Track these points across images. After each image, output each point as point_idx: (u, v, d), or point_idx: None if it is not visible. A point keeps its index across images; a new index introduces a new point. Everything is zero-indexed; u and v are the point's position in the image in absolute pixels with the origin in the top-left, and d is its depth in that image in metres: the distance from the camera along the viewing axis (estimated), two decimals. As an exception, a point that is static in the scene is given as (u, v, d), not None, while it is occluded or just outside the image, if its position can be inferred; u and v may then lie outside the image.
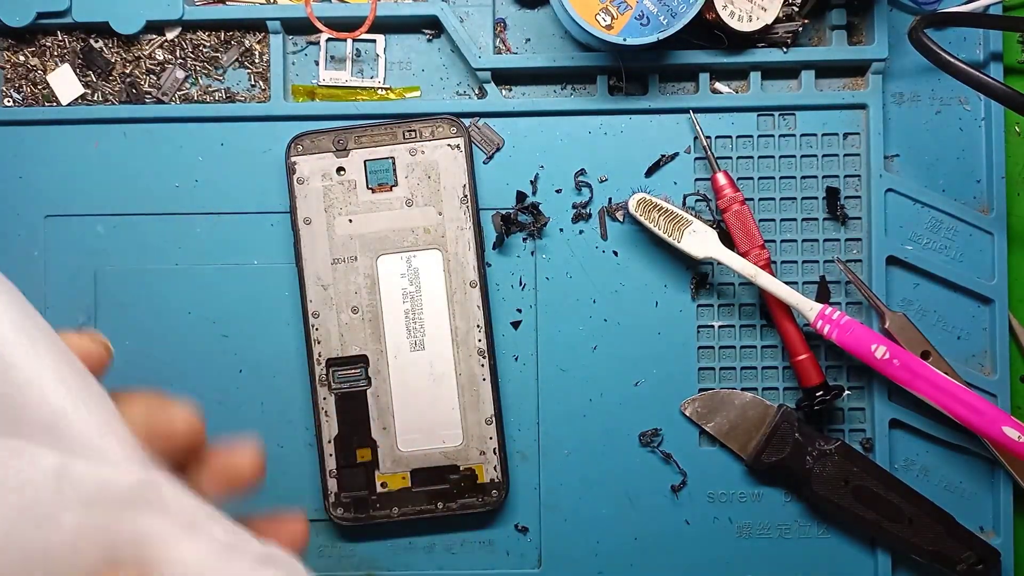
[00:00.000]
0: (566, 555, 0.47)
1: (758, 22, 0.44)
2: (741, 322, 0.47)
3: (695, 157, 0.47)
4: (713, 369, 0.47)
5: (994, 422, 0.41)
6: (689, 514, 0.47)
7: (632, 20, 0.42)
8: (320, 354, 0.45)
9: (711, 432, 0.46)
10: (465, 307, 0.45)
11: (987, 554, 0.45)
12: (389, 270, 0.45)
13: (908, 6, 0.47)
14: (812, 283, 0.47)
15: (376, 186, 0.45)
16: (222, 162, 0.47)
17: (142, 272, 0.47)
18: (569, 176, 0.47)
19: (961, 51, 0.47)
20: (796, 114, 0.47)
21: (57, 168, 0.47)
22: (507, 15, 0.47)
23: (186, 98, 0.47)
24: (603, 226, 0.47)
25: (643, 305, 0.47)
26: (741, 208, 0.45)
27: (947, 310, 0.47)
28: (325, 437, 0.45)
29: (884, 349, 0.43)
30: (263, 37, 0.47)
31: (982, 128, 0.47)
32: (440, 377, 0.45)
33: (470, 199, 0.45)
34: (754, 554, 0.46)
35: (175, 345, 0.46)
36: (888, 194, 0.46)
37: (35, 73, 0.47)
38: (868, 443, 0.46)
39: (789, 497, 0.47)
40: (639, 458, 0.47)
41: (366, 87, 0.47)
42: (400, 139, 0.45)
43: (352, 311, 0.45)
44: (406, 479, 0.46)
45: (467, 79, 0.47)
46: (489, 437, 0.45)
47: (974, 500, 0.46)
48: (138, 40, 0.47)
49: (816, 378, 0.45)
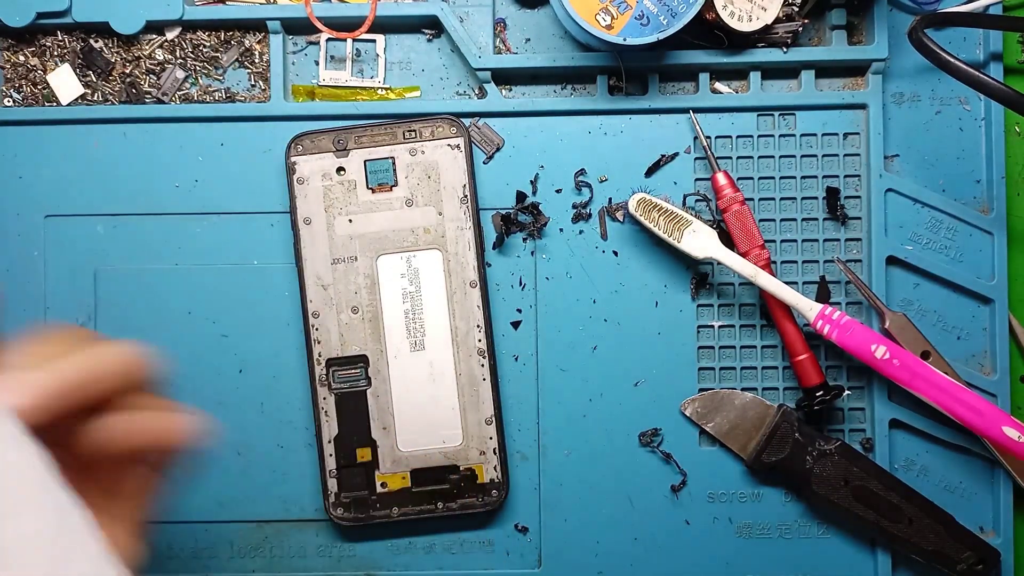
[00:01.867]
0: (566, 555, 0.47)
1: (758, 22, 0.44)
2: (741, 322, 0.47)
3: (695, 157, 0.47)
4: (713, 369, 0.47)
5: (994, 422, 0.41)
6: (689, 514, 0.47)
7: (632, 20, 0.42)
8: (320, 354, 0.45)
9: (711, 432, 0.46)
10: (465, 307, 0.45)
11: (987, 554, 0.45)
12: (389, 270, 0.45)
13: (908, 6, 0.47)
14: (812, 283, 0.47)
15: (376, 186, 0.45)
16: (222, 162, 0.47)
17: (142, 272, 0.47)
18: (569, 176, 0.47)
19: (961, 51, 0.47)
20: (796, 114, 0.47)
21: (57, 168, 0.47)
22: (507, 15, 0.47)
23: (186, 98, 0.47)
24: (603, 226, 0.47)
25: (643, 305, 0.47)
26: (741, 208, 0.45)
27: (947, 310, 0.47)
28: (325, 437, 0.45)
29: (884, 349, 0.43)
30: (263, 37, 0.47)
31: (982, 128, 0.47)
32: (440, 377, 0.45)
33: (470, 199, 0.45)
34: (754, 554, 0.46)
35: (175, 345, 0.46)
36: (888, 194, 0.46)
37: (35, 73, 0.47)
38: (868, 443, 0.46)
39: (789, 497, 0.47)
40: (639, 458, 0.47)
41: (366, 87, 0.47)
42: (400, 139, 0.45)
43: (352, 311, 0.45)
44: (406, 479, 0.46)
45: (467, 79, 0.47)
46: (489, 437, 0.45)
47: (974, 500, 0.46)
48: (138, 40, 0.47)
49: (816, 378, 0.45)
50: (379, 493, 0.46)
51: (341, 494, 0.45)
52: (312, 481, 0.46)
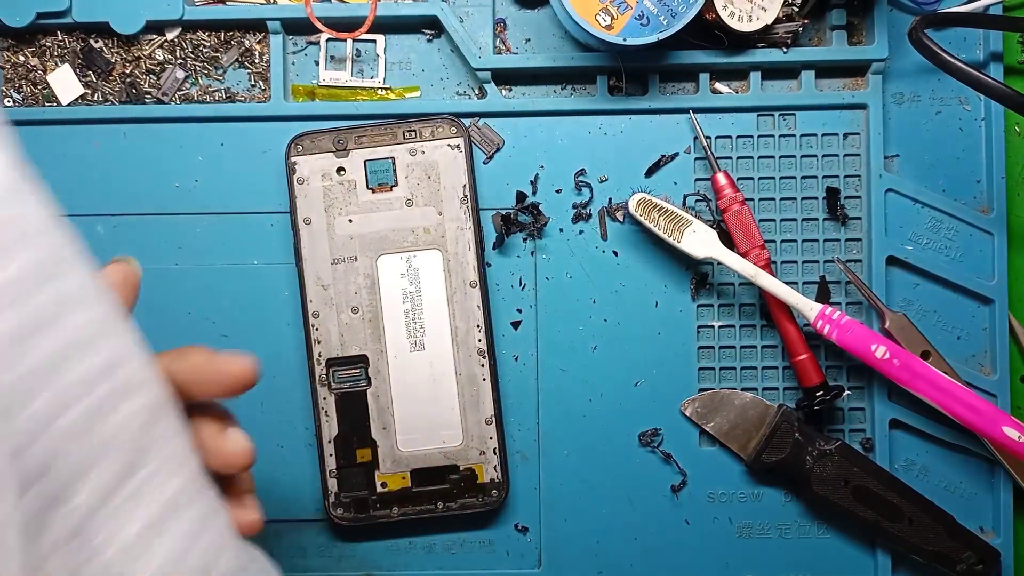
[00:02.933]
0: (566, 555, 0.47)
1: (758, 22, 0.44)
2: (741, 322, 0.47)
3: (695, 157, 0.47)
4: (713, 369, 0.47)
5: (994, 422, 0.41)
6: (689, 514, 0.47)
7: (632, 20, 0.42)
8: (320, 354, 0.45)
9: (711, 432, 0.46)
10: (465, 307, 0.45)
11: (987, 554, 0.45)
12: (389, 270, 0.45)
13: (908, 6, 0.47)
14: (812, 283, 0.47)
15: (376, 186, 0.46)
16: (222, 162, 0.47)
17: (142, 272, 0.47)
18: (569, 176, 0.47)
19: (961, 51, 0.47)
20: (796, 114, 0.47)
21: (57, 168, 0.47)
22: (507, 15, 0.47)
23: (186, 98, 0.47)
24: (603, 226, 0.47)
25: (643, 305, 0.47)
26: (741, 208, 0.45)
27: (947, 310, 0.47)
28: (325, 437, 0.45)
29: (884, 349, 0.43)
30: (263, 37, 0.47)
31: (982, 128, 0.47)
32: (440, 377, 0.45)
33: (470, 199, 0.45)
34: (754, 554, 0.47)
35: (175, 345, 0.46)
36: (888, 194, 0.46)
37: (35, 73, 0.47)
38: (868, 443, 0.46)
39: (789, 497, 0.47)
40: (639, 458, 0.47)
41: (366, 87, 0.47)
42: (400, 139, 0.45)
43: (352, 311, 0.45)
44: (406, 479, 0.46)
45: (467, 79, 0.47)
46: (489, 437, 0.45)
47: (974, 500, 0.46)
48: (138, 40, 0.47)
49: (816, 378, 0.45)
50: (379, 493, 0.46)
51: (341, 494, 0.45)
52: (312, 481, 0.46)
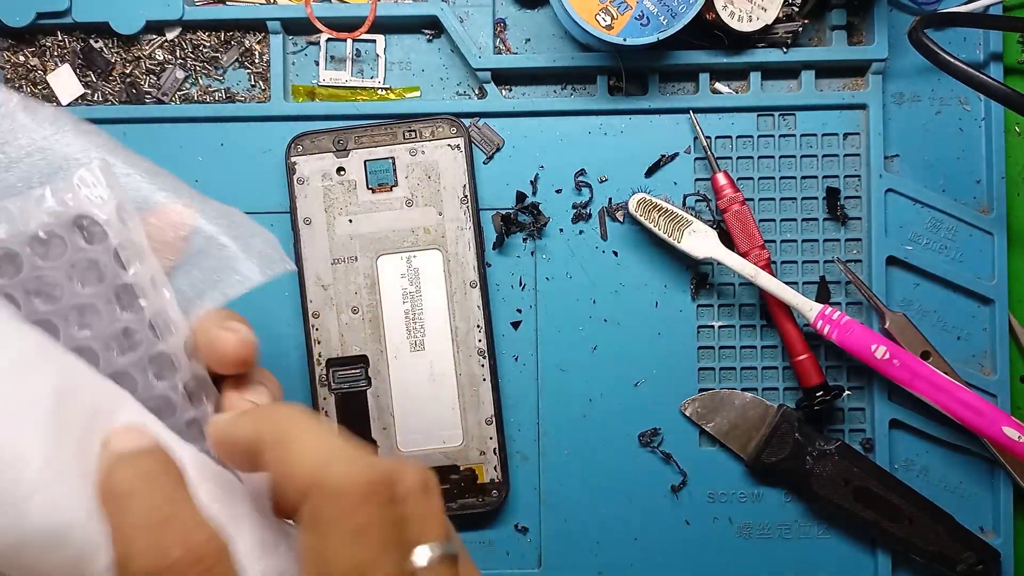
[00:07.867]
0: (566, 555, 0.47)
1: (758, 22, 0.44)
2: (741, 322, 0.47)
3: (695, 157, 0.47)
4: (713, 369, 0.47)
5: (994, 422, 0.41)
6: (689, 514, 0.47)
7: (632, 20, 0.42)
8: (320, 354, 0.45)
9: (711, 432, 0.46)
10: (465, 307, 0.45)
11: (987, 554, 0.45)
12: (389, 270, 0.45)
13: (908, 6, 0.47)
14: (812, 283, 0.47)
15: (376, 186, 0.46)
16: (222, 162, 0.47)
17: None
18: (569, 176, 0.47)
19: (961, 51, 0.47)
20: (796, 114, 0.47)
21: (57, 168, 0.47)
22: (507, 15, 0.47)
23: (186, 98, 0.47)
24: (603, 226, 0.47)
25: (643, 305, 0.47)
26: (741, 208, 0.45)
27: (947, 310, 0.47)
28: (325, 437, 0.45)
29: (884, 349, 0.43)
30: (263, 37, 0.47)
31: (982, 128, 0.47)
32: (440, 377, 0.45)
33: (470, 199, 0.45)
34: (754, 554, 0.46)
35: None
36: (888, 194, 0.46)
37: (35, 73, 0.47)
38: (868, 443, 0.46)
39: (789, 497, 0.47)
40: (639, 458, 0.47)
41: (366, 87, 0.47)
42: (400, 139, 0.45)
43: (352, 311, 0.45)
44: (406, 479, 0.46)
45: (467, 79, 0.47)
46: (489, 437, 0.45)
47: (974, 500, 0.46)
48: (138, 40, 0.47)
49: (816, 378, 0.45)
50: (379, 493, 0.45)
51: (341, 494, 0.45)
52: (312, 481, 0.46)
